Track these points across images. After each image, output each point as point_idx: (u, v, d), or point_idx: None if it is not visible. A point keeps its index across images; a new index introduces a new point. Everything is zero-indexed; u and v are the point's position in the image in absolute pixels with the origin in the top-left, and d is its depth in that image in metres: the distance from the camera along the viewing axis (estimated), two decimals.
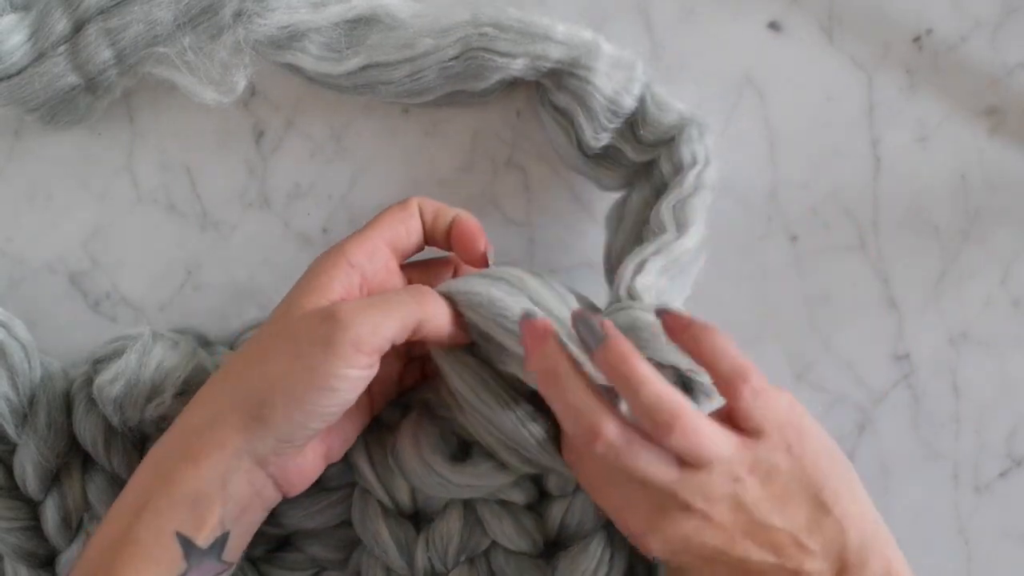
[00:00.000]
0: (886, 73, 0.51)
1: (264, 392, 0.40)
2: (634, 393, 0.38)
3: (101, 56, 0.46)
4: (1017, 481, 0.52)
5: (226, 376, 0.41)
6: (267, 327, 0.42)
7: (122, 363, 0.45)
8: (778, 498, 0.40)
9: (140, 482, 0.41)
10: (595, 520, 0.47)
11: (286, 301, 0.42)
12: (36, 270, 0.51)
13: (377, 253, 0.43)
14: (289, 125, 0.51)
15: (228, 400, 0.40)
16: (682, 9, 0.50)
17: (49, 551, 0.48)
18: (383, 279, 0.43)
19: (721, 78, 0.51)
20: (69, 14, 0.47)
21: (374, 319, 0.39)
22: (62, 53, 0.46)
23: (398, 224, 0.44)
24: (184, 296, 0.51)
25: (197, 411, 0.41)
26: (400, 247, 0.44)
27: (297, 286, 0.42)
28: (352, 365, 0.39)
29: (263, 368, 0.40)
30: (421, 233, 0.45)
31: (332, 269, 0.42)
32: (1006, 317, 0.51)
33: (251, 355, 0.41)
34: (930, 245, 0.51)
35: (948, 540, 0.51)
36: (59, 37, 0.46)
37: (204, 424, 0.40)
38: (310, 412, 0.39)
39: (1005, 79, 0.51)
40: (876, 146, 0.51)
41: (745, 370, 0.39)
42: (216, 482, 0.40)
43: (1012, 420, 0.51)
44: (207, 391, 0.42)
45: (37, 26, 0.47)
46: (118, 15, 0.46)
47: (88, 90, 0.47)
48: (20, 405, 0.46)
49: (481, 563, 0.47)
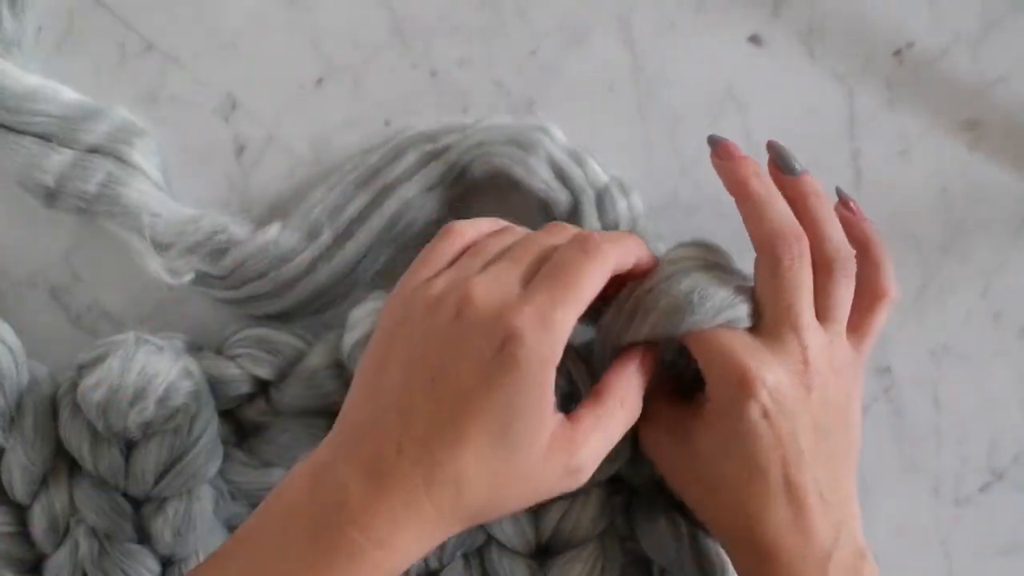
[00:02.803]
0: (867, 86, 0.51)
1: (484, 514, 0.39)
2: (823, 231, 0.42)
3: (86, 186, 0.47)
4: (998, 495, 0.51)
5: (438, 490, 0.38)
6: (492, 449, 0.38)
7: (104, 368, 0.45)
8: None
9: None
10: (590, 529, 0.47)
11: (508, 420, 0.38)
12: (16, 283, 0.51)
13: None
14: (270, 139, 0.51)
15: (437, 515, 0.38)
16: (663, 23, 0.50)
17: (36, 556, 0.48)
18: None
19: (702, 91, 0.51)
20: (105, 133, 0.48)
21: (602, 453, 0.41)
22: (63, 155, 0.47)
23: (596, 291, 0.40)
24: (165, 309, 0.51)
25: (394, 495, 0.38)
26: None
27: (520, 404, 0.38)
28: None
29: (489, 496, 0.39)
30: None
31: (549, 382, 0.38)
32: (987, 330, 0.51)
33: (481, 480, 0.38)
34: (911, 258, 0.51)
35: (929, 554, 0.51)
36: (77, 142, 0.47)
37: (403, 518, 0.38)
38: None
39: (986, 92, 0.51)
40: (857, 159, 0.51)
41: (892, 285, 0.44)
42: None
43: (993, 433, 0.51)
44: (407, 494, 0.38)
45: (76, 116, 0.48)
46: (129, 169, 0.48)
47: (50, 196, 0.48)
48: (7, 409, 0.46)
49: (475, 561, 0.47)
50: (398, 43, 0.50)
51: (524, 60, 0.51)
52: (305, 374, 0.47)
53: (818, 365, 0.41)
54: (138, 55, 0.50)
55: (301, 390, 0.47)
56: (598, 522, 0.47)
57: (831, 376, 0.41)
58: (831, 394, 0.41)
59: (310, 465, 0.39)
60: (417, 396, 0.38)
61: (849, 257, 0.42)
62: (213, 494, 0.47)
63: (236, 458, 0.48)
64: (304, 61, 0.51)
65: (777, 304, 0.41)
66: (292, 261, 0.48)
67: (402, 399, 0.38)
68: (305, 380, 0.47)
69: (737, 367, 0.40)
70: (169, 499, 0.46)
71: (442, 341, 0.38)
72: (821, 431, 0.41)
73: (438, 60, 0.51)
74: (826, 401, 0.41)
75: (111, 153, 0.48)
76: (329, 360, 0.47)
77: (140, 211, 0.47)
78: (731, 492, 0.41)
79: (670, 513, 0.47)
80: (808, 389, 0.40)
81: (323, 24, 0.50)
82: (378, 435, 0.38)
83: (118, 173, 0.48)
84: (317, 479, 0.38)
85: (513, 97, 0.51)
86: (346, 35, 0.50)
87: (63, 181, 0.47)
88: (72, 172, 0.47)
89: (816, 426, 0.41)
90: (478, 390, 0.37)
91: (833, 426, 0.41)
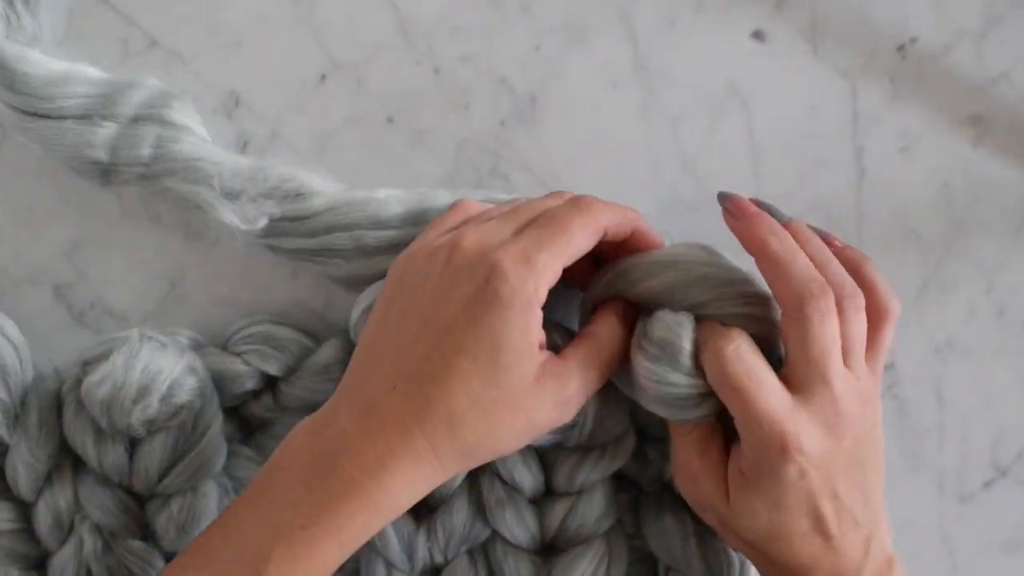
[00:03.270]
0: (870, 82, 0.51)
1: (480, 448, 0.40)
2: (826, 273, 0.42)
3: (140, 151, 0.47)
4: (1001, 491, 0.51)
5: (427, 412, 0.40)
6: (481, 382, 0.40)
7: (108, 365, 0.45)
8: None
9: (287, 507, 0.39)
10: (596, 526, 0.47)
11: (494, 351, 0.39)
12: (19, 281, 0.51)
13: (557, 279, 0.41)
14: (273, 136, 0.51)
15: (429, 442, 0.40)
16: (665, 19, 0.50)
17: (41, 553, 0.48)
18: None
19: (705, 88, 0.51)
20: (143, 102, 0.47)
21: (589, 389, 0.42)
22: (107, 127, 0.47)
23: (586, 247, 0.42)
24: (167, 307, 0.51)
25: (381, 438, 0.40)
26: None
27: (504, 335, 0.39)
28: None
29: (482, 429, 0.40)
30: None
31: (534, 317, 0.40)
32: (990, 327, 0.51)
33: (467, 407, 0.40)
34: (914, 254, 0.51)
35: (933, 550, 0.51)
36: (118, 115, 0.47)
37: (387, 451, 0.39)
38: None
39: (989, 88, 0.51)
40: (860, 155, 0.51)
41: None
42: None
43: (996, 430, 0.51)
44: (396, 416, 0.40)
45: (110, 91, 0.48)
46: (176, 128, 0.48)
47: (105, 173, 0.48)
48: (11, 405, 0.46)
49: (480, 556, 0.47)
50: (401, 40, 0.50)
51: (527, 57, 0.51)
52: (318, 367, 0.47)
53: (849, 412, 0.41)
54: (141, 52, 0.50)
55: (314, 383, 0.47)
56: (604, 519, 0.47)
57: (859, 413, 0.41)
58: (861, 430, 0.41)
59: (315, 415, 0.41)
60: (410, 338, 0.40)
61: (855, 290, 0.42)
62: (217, 490, 0.47)
63: (242, 454, 0.48)
64: (307, 58, 0.51)
65: (809, 362, 0.41)
66: (386, 230, 0.47)
67: (397, 343, 0.40)
68: (319, 373, 0.47)
69: (778, 433, 0.40)
70: (173, 496, 0.46)
71: (435, 285, 0.40)
72: (855, 465, 0.41)
73: (441, 57, 0.51)
74: (857, 438, 0.41)
75: (154, 119, 0.48)
76: (342, 355, 0.47)
77: (201, 161, 0.47)
78: (762, 530, 0.42)
79: (677, 512, 0.47)
80: (841, 438, 0.41)
81: (326, 21, 0.50)
82: (374, 377, 0.40)
83: (167, 133, 0.47)
84: (318, 424, 0.41)
85: (516, 94, 0.51)
86: (349, 32, 0.50)
87: (116, 153, 0.47)
88: (121, 142, 0.47)
89: (849, 464, 0.41)
90: (463, 325, 0.39)
91: (865, 455, 0.42)
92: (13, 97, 0.47)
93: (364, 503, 0.39)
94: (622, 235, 0.43)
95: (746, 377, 0.40)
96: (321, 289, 0.51)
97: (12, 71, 0.47)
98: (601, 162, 0.51)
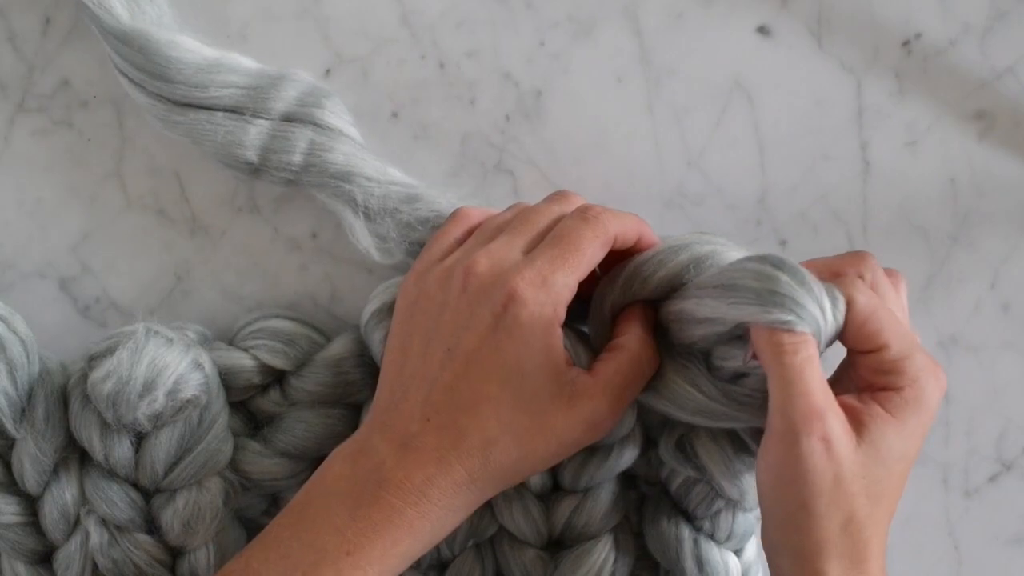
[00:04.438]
0: (875, 77, 0.51)
1: (515, 474, 0.41)
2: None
3: (291, 158, 0.46)
4: (1007, 485, 0.52)
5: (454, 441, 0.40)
6: (511, 408, 0.40)
7: (114, 360, 0.45)
8: None
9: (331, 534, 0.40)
10: (602, 523, 0.47)
11: (521, 377, 0.40)
12: (26, 275, 0.51)
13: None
14: None
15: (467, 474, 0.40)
16: (671, 13, 0.50)
17: (47, 547, 0.48)
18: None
19: (710, 83, 0.51)
20: (295, 98, 0.46)
21: (624, 404, 0.42)
22: (259, 125, 0.46)
23: (597, 259, 0.42)
24: (173, 301, 0.51)
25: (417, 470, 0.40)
26: None
27: (530, 360, 0.40)
28: None
29: (516, 455, 0.40)
30: None
31: (557, 339, 0.40)
32: (996, 321, 0.51)
33: (497, 429, 0.40)
34: (919, 249, 0.51)
35: (938, 545, 0.51)
36: (270, 111, 0.46)
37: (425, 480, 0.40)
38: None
39: (994, 83, 0.51)
40: (865, 150, 0.51)
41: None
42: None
43: (1002, 424, 0.51)
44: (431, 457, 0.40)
45: (262, 84, 0.46)
46: (329, 133, 0.46)
47: (254, 171, 0.47)
48: (18, 399, 0.46)
49: (487, 550, 0.48)
50: (407, 34, 0.50)
51: (532, 51, 0.51)
52: (330, 362, 0.47)
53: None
54: None
55: (325, 377, 0.47)
56: (610, 516, 0.47)
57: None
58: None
59: (350, 443, 0.42)
60: (436, 368, 0.40)
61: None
62: (223, 485, 0.47)
63: (250, 448, 0.48)
64: (312, 52, 0.50)
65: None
66: None
67: (425, 371, 0.41)
68: (329, 367, 0.47)
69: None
70: (179, 490, 0.46)
71: (454, 313, 0.41)
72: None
73: (446, 51, 0.51)
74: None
75: (307, 119, 0.46)
76: (354, 348, 0.47)
77: (351, 178, 0.46)
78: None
79: (673, 517, 0.47)
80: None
81: (332, 15, 0.50)
82: (406, 407, 0.41)
83: (319, 139, 0.46)
84: (357, 453, 0.41)
85: (521, 89, 0.51)
86: (355, 26, 0.50)
87: (266, 155, 0.46)
88: (273, 144, 0.46)
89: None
90: (487, 353, 0.40)
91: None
92: (165, 87, 0.45)
93: (406, 532, 0.39)
94: (630, 242, 0.43)
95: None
96: (328, 283, 0.51)
97: (166, 58, 0.45)
98: (606, 156, 0.51)
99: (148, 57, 0.45)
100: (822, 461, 0.38)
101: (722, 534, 0.47)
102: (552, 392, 0.40)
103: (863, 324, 0.39)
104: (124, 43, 0.46)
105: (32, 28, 0.50)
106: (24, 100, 0.50)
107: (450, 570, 0.48)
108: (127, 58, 0.46)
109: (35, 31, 0.50)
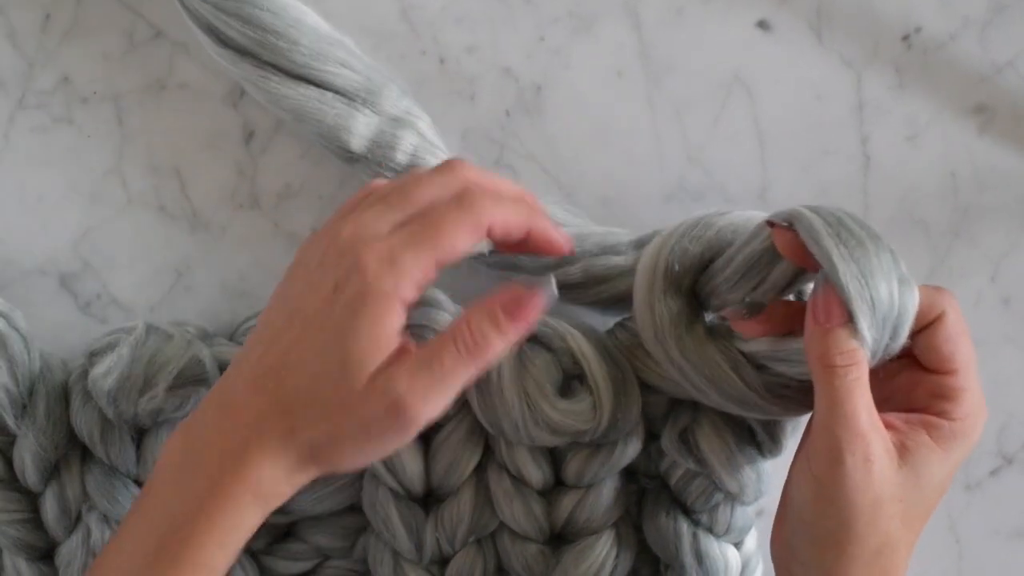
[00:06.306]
0: (875, 72, 0.51)
1: (323, 451, 0.39)
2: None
3: (396, 156, 0.46)
4: (1008, 479, 0.52)
5: (271, 409, 0.39)
6: (327, 380, 0.38)
7: (115, 356, 0.45)
8: None
9: (170, 502, 0.39)
10: (604, 518, 0.47)
11: (339, 347, 0.38)
12: (27, 272, 0.51)
13: (431, 279, 0.40)
14: (279, 125, 0.51)
15: (280, 441, 0.38)
16: (671, 8, 0.50)
17: (48, 543, 0.48)
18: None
19: (710, 77, 0.51)
20: (403, 106, 0.47)
21: (439, 403, 0.39)
22: (369, 118, 0.46)
23: (464, 246, 0.40)
24: (174, 297, 0.51)
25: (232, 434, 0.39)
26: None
27: (352, 330, 0.38)
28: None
29: (323, 428, 0.38)
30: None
31: (388, 316, 0.38)
32: (996, 315, 0.51)
33: (302, 400, 0.38)
34: (920, 243, 0.51)
35: (939, 538, 0.51)
36: (382, 109, 0.46)
37: (239, 447, 0.38)
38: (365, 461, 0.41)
39: (994, 77, 0.51)
40: (865, 144, 0.51)
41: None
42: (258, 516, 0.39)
43: (1003, 418, 0.51)
44: (240, 401, 0.39)
45: (374, 77, 0.47)
46: (429, 143, 0.47)
47: (352, 160, 0.47)
48: (19, 396, 0.46)
49: (488, 545, 0.48)
50: (407, 29, 0.50)
51: (532, 47, 0.51)
52: None
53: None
54: (146, 43, 0.50)
55: None
56: (612, 511, 0.47)
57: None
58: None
59: (191, 412, 0.41)
60: (280, 329, 0.39)
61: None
62: None
63: None
64: None
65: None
66: (615, 256, 0.46)
67: (271, 333, 0.40)
68: None
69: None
70: None
71: (306, 276, 0.40)
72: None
73: (446, 47, 0.51)
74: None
75: (410, 125, 0.47)
76: None
77: None
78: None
79: (672, 511, 0.47)
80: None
81: (332, 10, 0.50)
82: (240, 368, 0.40)
83: (424, 145, 0.47)
84: (189, 421, 0.40)
85: (521, 84, 0.51)
86: (355, 21, 0.50)
87: (372, 148, 0.46)
88: (381, 139, 0.46)
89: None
90: (320, 319, 0.38)
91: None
92: (288, 49, 0.44)
93: (228, 499, 0.38)
94: (515, 234, 0.41)
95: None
96: None
97: (295, 19, 0.44)
98: (606, 151, 0.51)
99: (277, 15, 0.45)
100: (864, 481, 0.38)
101: (721, 527, 0.47)
102: (362, 370, 0.38)
103: (945, 341, 0.39)
104: (254, 5, 0.45)
105: (32, 24, 0.50)
106: (24, 97, 0.50)
107: (451, 565, 0.48)
108: (253, 20, 0.45)
109: (35, 27, 0.50)
